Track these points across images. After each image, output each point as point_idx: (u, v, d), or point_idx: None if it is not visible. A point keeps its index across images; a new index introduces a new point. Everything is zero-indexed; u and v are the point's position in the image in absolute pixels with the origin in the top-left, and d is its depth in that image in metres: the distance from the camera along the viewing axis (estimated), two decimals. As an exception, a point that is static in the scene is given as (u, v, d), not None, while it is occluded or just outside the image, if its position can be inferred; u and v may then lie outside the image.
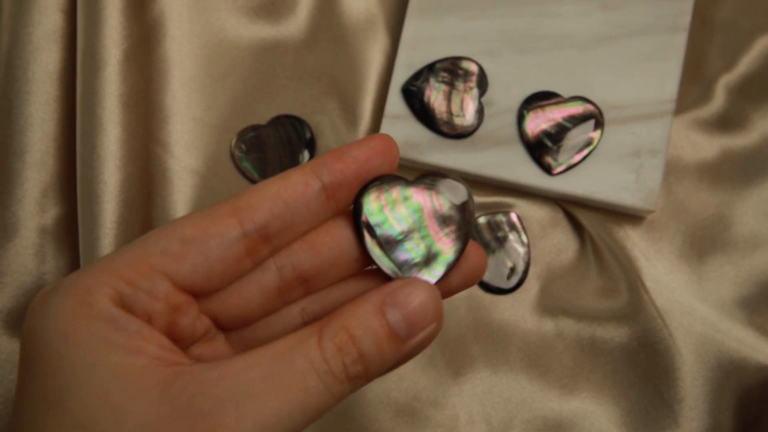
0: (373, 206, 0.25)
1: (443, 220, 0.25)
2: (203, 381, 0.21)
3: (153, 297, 0.22)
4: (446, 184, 0.26)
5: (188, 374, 0.21)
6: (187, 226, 0.23)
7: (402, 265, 0.25)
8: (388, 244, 0.25)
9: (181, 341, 0.24)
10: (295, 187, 0.24)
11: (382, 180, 0.25)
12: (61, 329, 0.21)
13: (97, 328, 0.21)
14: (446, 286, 0.26)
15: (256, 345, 0.26)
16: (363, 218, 0.25)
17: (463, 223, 0.25)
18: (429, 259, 0.25)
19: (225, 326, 0.26)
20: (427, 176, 0.26)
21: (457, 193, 0.26)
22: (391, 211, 0.25)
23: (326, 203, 0.25)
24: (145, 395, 0.21)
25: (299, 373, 0.21)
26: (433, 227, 0.25)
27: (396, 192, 0.25)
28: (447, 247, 0.25)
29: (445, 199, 0.25)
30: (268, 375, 0.21)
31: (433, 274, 0.25)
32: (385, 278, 0.25)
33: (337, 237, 0.25)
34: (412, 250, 0.25)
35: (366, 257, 0.25)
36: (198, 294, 0.24)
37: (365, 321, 0.22)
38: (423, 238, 0.25)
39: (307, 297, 0.26)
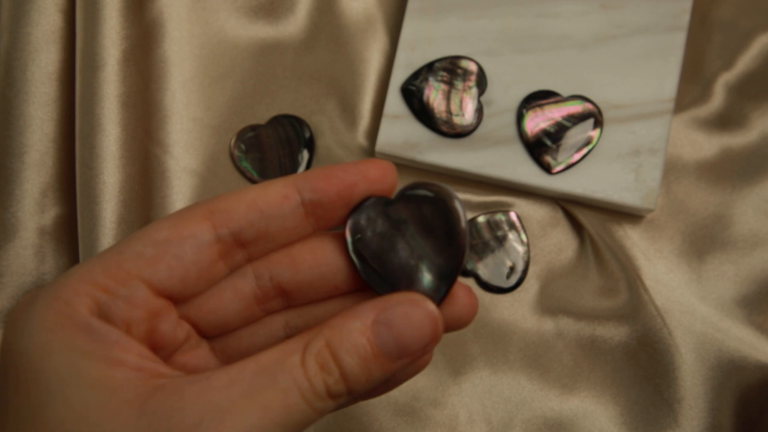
0: (360, 230, 0.25)
1: (432, 230, 0.25)
2: (183, 396, 0.20)
3: (131, 304, 0.22)
4: (427, 189, 0.25)
5: (168, 388, 0.21)
6: (161, 229, 0.23)
7: (399, 283, 0.24)
8: (382, 266, 0.24)
9: (162, 349, 0.23)
10: (273, 198, 0.24)
11: (366, 203, 0.25)
12: (38, 342, 0.21)
13: (75, 340, 0.21)
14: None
15: (239, 355, 0.25)
16: (352, 246, 0.25)
17: (454, 228, 0.24)
18: (425, 273, 0.24)
19: (206, 333, 0.25)
20: (408, 189, 0.25)
21: (440, 196, 0.25)
22: (378, 232, 0.25)
23: (305, 219, 0.24)
24: (123, 410, 0.20)
25: (281, 390, 0.21)
26: (423, 240, 0.24)
27: (380, 212, 0.25)
28: (442, 258, 0.24)
29: (429, 208, 0.25)
30: (249, 391, 0.21)
31: (434, 289, 0.24)
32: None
33: (319, 258, 0.25)
34: (407, 267, 0.24)
35: (357, 280, 0.25)
36: (175, 299, 0.23)
37: (351, 339, 0.22)
38: (414, 253, 0.24)
39: (291, 310, 0.26)
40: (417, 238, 0.25)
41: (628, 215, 0.45)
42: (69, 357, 0.21)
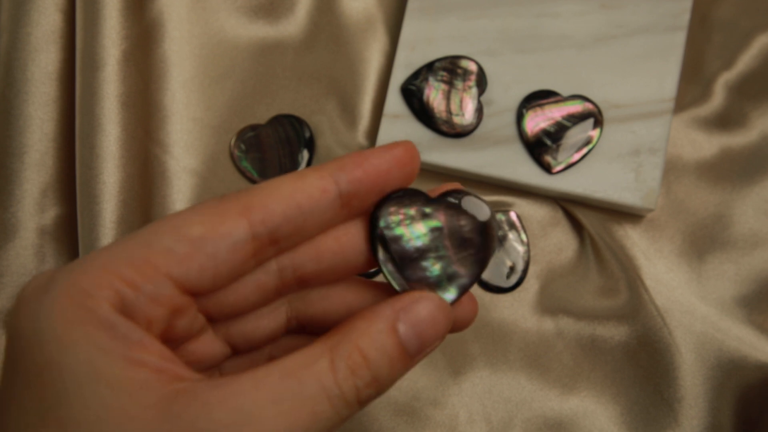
0: (391, 220, 0.24)
1: (462, 242, 0.24)
2: (206, 402, 0.20)
3: (155, 301, 0.21)
4: (469, 203, 0.25)
5: (190, 393, 0.20)
6: (195, 224, 0.21)
7: (414, 284, 0.24)
8: (402, 261, 0.24)
9: (174, 341, 0.23)
10: (312, 191, 0.23)
11: (403, 194, 0.24)
12: (57, 335, 0.20)
13: (95, 336, 0.20)
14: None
15: (243, 336, 0.25)
16: (379, 232, 0.24)
17: (483, 246, 0.24)
18: (443, 280, 0.24)
19: (215, 318, 0.25)
20: (451, 194, 0.25)
21: (480, 213, 0.24)
22: (409, 227, 0.24)
23: (340, 211, 0.23)
24: (143, 415, 0.19)
25: (309, 396, 0.20)
26: (450, 248, 0.24)
27: (416, 208, 0.24)
28: (463, 270, 0.24)
29: (466, 220, 0.24)
30: (275, 398, 0.20)
31: (445, 296, 0.24)
32: (387, 288, 0.25)
33: (343, 244, 0.24)
34: (427, 270, 0.24)
35: (371, 267, 0.25)
36: (198, 294, 0.23)
37: (379, 340, 0.21)
38: (439, 258, 0.24)
39: (296, 293, 0.26)
40: (445, 243, 0.24)
41: (629, 215, 0.45)
42: (88, 354, 0.20)
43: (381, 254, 0.24)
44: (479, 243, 0.24)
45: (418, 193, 0.24)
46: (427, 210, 0.24)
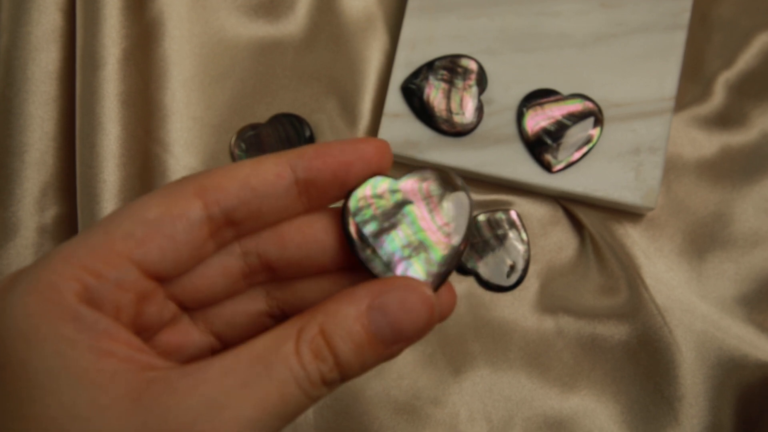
0: (361, 205, 0.24)
1: (435, 213, 0.24)
2: (177, 390, 0.20)
3: (121, 288, 0.21)
4: (437, 175, 0.25)
5: (160, 382, 0.20)
6: (151, 207, 0.22)
7: (391, 258, 0.24)
8: (376, 239, 0.24)
9: (147, 330, 0.23)
10: (267, 176, 0.23)
11: (370, 180, 0.24)
12: (22, 330, 0.20)
13: (61, 328, 0.20)
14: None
15: (222, 323, 0.25)
16: (351, 223, 0.24)
17: (459, 216, 0.24)
18: (420, 251, 0.24)
19: (188, 307, 0.25)
20: (416, 171, 0.25)
21: (449, 184, 0.24)
22: (380, 207, 0.24)
23: (298, 198, 0.24)
24: (114, 406, 0.19)
25: (277, 380, 0.20)
26: (425, 221, 0.24)
27: (384, 187, 0.24)
28: (442, 242, 0.24)
29: (436, 188, 0.24)
30: (244, 382, 0.20)
31: (419, 273, 0.24)
32: (368, 277, 0.24)
33: (307, 237, 0.24)
34: (405, 251, 0.24)
35: (342, 260, 0.25)
36: (163, 279, 0.23)
37: (345, 325, 0.21)
38: (415, 233, 0.24)
39: (274, 283, 0.25)
40: (421, 224, 0.24)
41: (629, 214, 0.45)
42: (55, 347, 0.19)
43: (358, 242, 0.24)
44: (455, 218, 0.24)
45: (386, 177, 0.24)
46: (396, 187, 0.24)
